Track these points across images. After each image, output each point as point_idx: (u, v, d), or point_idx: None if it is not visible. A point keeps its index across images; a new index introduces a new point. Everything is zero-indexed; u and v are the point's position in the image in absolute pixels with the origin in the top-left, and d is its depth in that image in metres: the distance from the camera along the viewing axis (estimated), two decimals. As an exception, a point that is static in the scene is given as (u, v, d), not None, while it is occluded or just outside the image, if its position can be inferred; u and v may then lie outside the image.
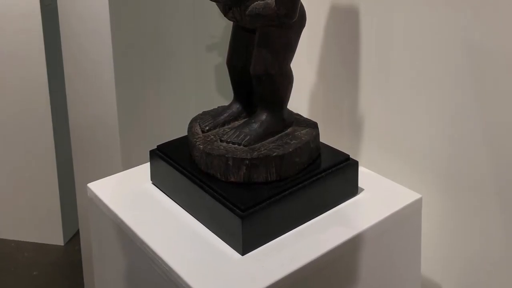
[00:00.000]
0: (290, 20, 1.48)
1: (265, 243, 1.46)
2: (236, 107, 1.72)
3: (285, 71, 1.56)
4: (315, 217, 1.57)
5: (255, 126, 1.58)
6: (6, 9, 3.67)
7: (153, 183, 1.76)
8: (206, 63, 2.86)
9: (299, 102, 2.13)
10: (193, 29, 2.78)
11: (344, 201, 1.65)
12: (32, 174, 3.84)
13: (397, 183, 1.77)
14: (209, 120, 1.68)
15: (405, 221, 1.66)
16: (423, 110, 1.75)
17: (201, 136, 1.62)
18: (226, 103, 1.77)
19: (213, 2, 1.55)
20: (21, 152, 3.83)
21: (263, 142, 1.56)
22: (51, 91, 3.71)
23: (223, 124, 1.68)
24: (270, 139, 1.58)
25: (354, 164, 1.67)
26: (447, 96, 1.68)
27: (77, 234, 3.85)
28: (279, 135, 1.61)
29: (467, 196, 1.69)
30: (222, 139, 1.57)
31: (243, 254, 1.42)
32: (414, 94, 1.77)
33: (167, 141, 1.77)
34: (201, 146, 1.56)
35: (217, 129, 1.65)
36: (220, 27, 2.81)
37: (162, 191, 1.71)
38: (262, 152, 1.51)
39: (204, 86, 2.89)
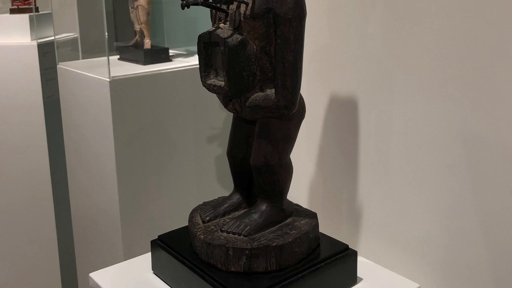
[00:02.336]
0: (290, 112, 1.51)
1: (267, 333, 1.46)
2: (237, 197, 1.74)
3: (284, 162, 1.59)
4: (315, 307, 1.57)
5: (255, 216, 1.60)
6: (8, 101, 3.73)
7: (154, 273, 1.76)
8: (207, 154, 2.89)
9: (298, 192, 2.15)
10: (194, 120, 2.82)
11: (343, 291, 1.65)
12: (35, 263, 3.82)
13: (396, 272, 1.77)
14: (209, 210, 1.70)
15: (404, 311, 1.66)
16: (421, 201, 1.76)
17: (201, 226, 1.64)
18: (227, 194, 1.79)
19: (214, 94, 1.58)
20: (23, 241, 3.83)
21: (263, 232, 1.57)
22: (53, 181, 3.74)
23: (224, 215, 1.69)
24: (270, 229, 1.60)
25: (353, 254, 1.68)
26: (444, 187, 1.69)
27: (77, 324, 3.81)
28: (279, 225, 1.62)
29: (465, 286, 1.68)
30: (223, 229, 1.59)
31: None
32: (413, 185, 1.79)
33: (168, 231, 1.78)
34: (202, 236, 1.57)
35: (217, 219, 1.67)
36: (220, 119, 2.85)
37: (163, 281, 1.71)
38: (262, 242, 1.52)
39: (205, 176, 2.92)
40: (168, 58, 2.98)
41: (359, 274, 1.71)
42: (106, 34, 2.73)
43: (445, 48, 1.63)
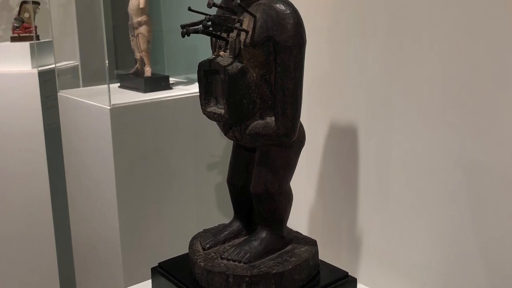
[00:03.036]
0: (290, 140, 1.51)
1: None
2: (237, 225, 1.74)
3: (284, 189, 1.59)
4: (314, 335, 1.57)
5: (255, 243, 1.60)
6: (9, 128, 3.75)
7: (154, 301, 1.76)
8: (207, 181, 2.89)
9: (298, 219, 2.15)
10: (194, 148, 2.83)
11: (343, 318, 1.65)
12: (36, 290, 3.82)
13: (396, 300, 1.77)
14: (209, 237, 1.70)
15: None
16: (421, 228, 1.76)
17: (202, 253, 1.63)
18: (227, 221, 1.79)
19: (214, 122, 1.59)
20: (24, 269, 3.82)
21: (263, 260, 1.57)
22: (54, 208, 3.74)
23: (224, 242, 1.69)
24: (270, 256, 1.59)
25: (353, 281, 1.68)
26: (444, 214, 1.69)
27: None
28: (279, 252, 1.62)
29: (467, 314, 1.68)
30: (223, 256, 1.58)
31: None
32: (412, 212, 1.79)
33: (168, 258, 1.78)
34: (202, 264, 1.57)
35: (217, 247, 1.66)
36: (220, 146, 2.86)
37: (163, 309, 1.71)
38: (262, 269, 1.52)
39: (205, 204, 2.92)
40: (168, 86, 2.99)
41: (359, 301, 1.71)
42: (107, 62, 2.74)
43: (444, 75, 1.65)
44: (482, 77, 1.55)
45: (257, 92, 1.49)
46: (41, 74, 3.82)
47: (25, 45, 4.03)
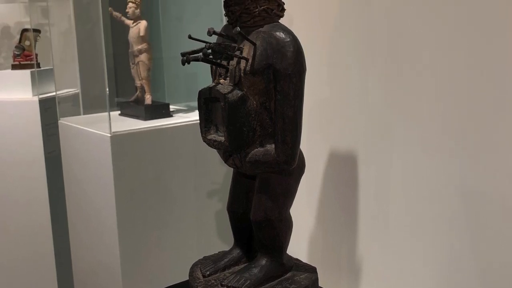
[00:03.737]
0: (290, 167, 1.52)
1: None
2: (237, 252, 1.74)
3: (284, 216, 1.59)
4: None
5: (255, 271, 1.59)
6: (10, 156, 3.75)
7: (154, 328, 1.75)
8: (207, 209, 2.89)
9: (298, 246, 2.15)
10: (194, 175, 2.83)
11: None
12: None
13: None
14: (210, 265, 1.70)
15: None
16: (421, 255, 1.76)
17: (202, 280, 1.63)
18: (227, 248, 1.79)
19: (214, 149, 1.59)
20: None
21: (263, 287, 1.57)
22: (55, 235, 3.73)
23: (224, 269, 1.69)
24: (270, 283, 1.59)
25: (354, 309, 1.68)
26: (444, 241, 1.69)
27: None
28: (279, 279, 1.62)
29: None
30: (223, 283, 1.58)
31: None
32: (412, 239, 1.79)
33: (169, 285, 1.78)
34: (202, 291, 1.57)
35: (218, 274, 1.66)
36: (220, 173, 2.86)
37: (163, 336, 1.70)
38: (262, 296, 1.52)
39: (205, 231, 2.91)
40: (168, 114, 3.00)
41: (359, 328, 1.70)
42: (107, 89, 2.75)
43: (444, 103, 1.66)
44: (482, 106, 1.56)
45: (257, 120, 1.50)
46: (42, 102, 3.83)
47: (26, 73, 4.05)
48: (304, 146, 1.62)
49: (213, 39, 1.56)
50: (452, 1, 1.61)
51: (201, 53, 1.46)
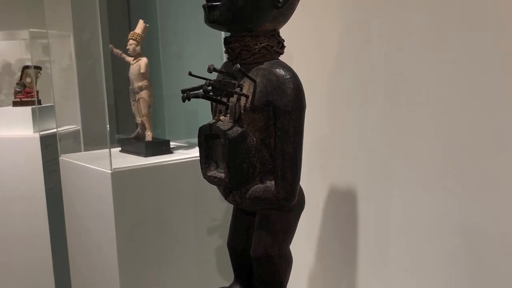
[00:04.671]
0: (290, 203, 1.52)
1: None
2: (237, 288, 1.74)
3: (284, 253, 1.59)
4: None
5: (256, 307, 1.59)
6: (11, 192, 3.76)
7: None
8: (207, 245, 2.88)
9: (298, 283, 2.14)
10: (195, 212, 2.83)
11: None
12: None
13: None
14: (210, 301, 1.70)
15: None
16: (422, 291, 1.76)
17: (202, 317, 1.63)
18: (227, 284, 1.78)
19: (214, 186, 1.60)
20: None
21: (263, 323, 1.57)
22: (56, 272, 3.72)
23: (224, 305, 1.69)
24: (271, 320, 1.59)
25: None
26: (443, 278, 1.69)
27: None
28: (279, 316, 1.61)
29: None
30: (223, 320, 1.58)
31: None
32: (412, 276, 1.78)
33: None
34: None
35: (218, 310, 1.66)
36: (221, 210, 2.86)
37: None
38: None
39: (205, 267, 2.90)
40: (169, 150, 3.01)
41: None
42: (108, 126, 2.76)
43: (443, 141, 1.66)
44: (482, 144, 1.56)
45: (257, 156, 1.50)
46: (43, 139, 3.85)
47: (27, 109, 4.07)
48: (304, 182, 1.63)
49: (213, 76, 1.57)
50: (452, 39, 1.62)
51: (201, 90, 1.47)
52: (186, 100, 1.47)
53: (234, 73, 1.54)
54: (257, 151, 1.50)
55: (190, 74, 1.51)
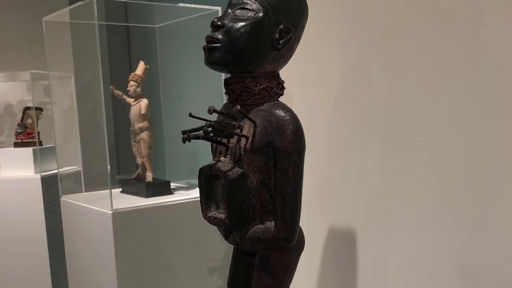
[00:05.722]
0: (290, 244, 1.52)
1: None
2: (237, 328, 1.73)
3: (284, 293, 1.59)
4: None
5: None
6: (12, 233, 3.76)
7: None
8: (208, 285, 2.88)
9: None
10: (195, 252, 2.83)
11: None
12: None
13: None
14: None
15: None
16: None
17: None
18: (227, 326, 1.78)
19: (214, 226, 1.60)
20: None
21: None
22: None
23: None
24: None
25: None
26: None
27: None
28: None
29: None
30: None
31: None
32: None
33: None
34: None
35: None
36: (221, 250, 2.86)
37: None
38: None
39: (206, 308, 2.89)
40: (169, 191, 3.01)
41: None
42: (109, 167, 2.77)
43: (442, 180, 1.67)
44: (480, 184, 1.57)
45: (257, 197, 1.51)
46: (44, 179, 3.86)
47: (28, 150, 4.08)
48: (304, 223, 1.63)
49: (214, 117, 1.58)
50: (451, 81, 1.64)
51: (201, 131, 1.48)
52: (187, 141, 1.48)
53: (234, 114, 1.55)
54: (257, 192, 1.50)
55: (190, 115, 1.52)
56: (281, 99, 1.57)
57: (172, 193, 3.02)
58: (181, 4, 3.10)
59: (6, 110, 4.96)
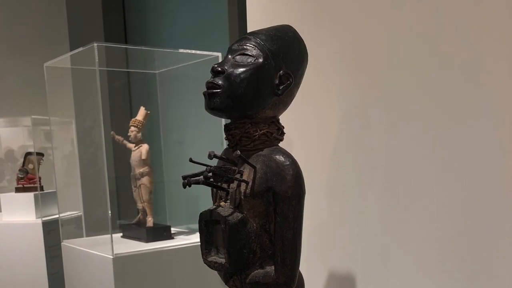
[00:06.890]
0: (289, 288, 1.52)
1: None
2: None
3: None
4: None
5: None
6: (14, 277, 3.75)
7: None
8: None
9: None
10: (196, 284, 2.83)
11: None
12: None
13: None
14: None
15: None
16: None
17: None
18: None
19: (215, 271, 1.60)
20: None
21: None
22: None
23: None
24: None
25: None
26: None
27: None
28: None
29: None
30: None
31: None
32: None
33: None
34: None
35: None
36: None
37: None
38: None
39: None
40: (170, 236, 3.02)
41: None
42: (110, 212, 2.78)
43: (441, 225, 1.68)
44: (478, 230, 1.58)
45: (257, 242, 1.51)
46: (45, 224, 3.87)
47: (30, 195, 4.10)
48: (304, 267, 1.63)
49: (214, 162, 1.59)
50: (450, 126, 1.65)
51: (202, 176, 1.48)
52: (187, 186, 1.49)
53: (235, 160, 1.56)
54: (257, 236, 1.51)
55: (191, 160, 1.53)
56: (281, 144, 1.58)
57: (173, 238, 3.02)
58: (181, 50, 3.14)
59: (7, 155, 4.98)
